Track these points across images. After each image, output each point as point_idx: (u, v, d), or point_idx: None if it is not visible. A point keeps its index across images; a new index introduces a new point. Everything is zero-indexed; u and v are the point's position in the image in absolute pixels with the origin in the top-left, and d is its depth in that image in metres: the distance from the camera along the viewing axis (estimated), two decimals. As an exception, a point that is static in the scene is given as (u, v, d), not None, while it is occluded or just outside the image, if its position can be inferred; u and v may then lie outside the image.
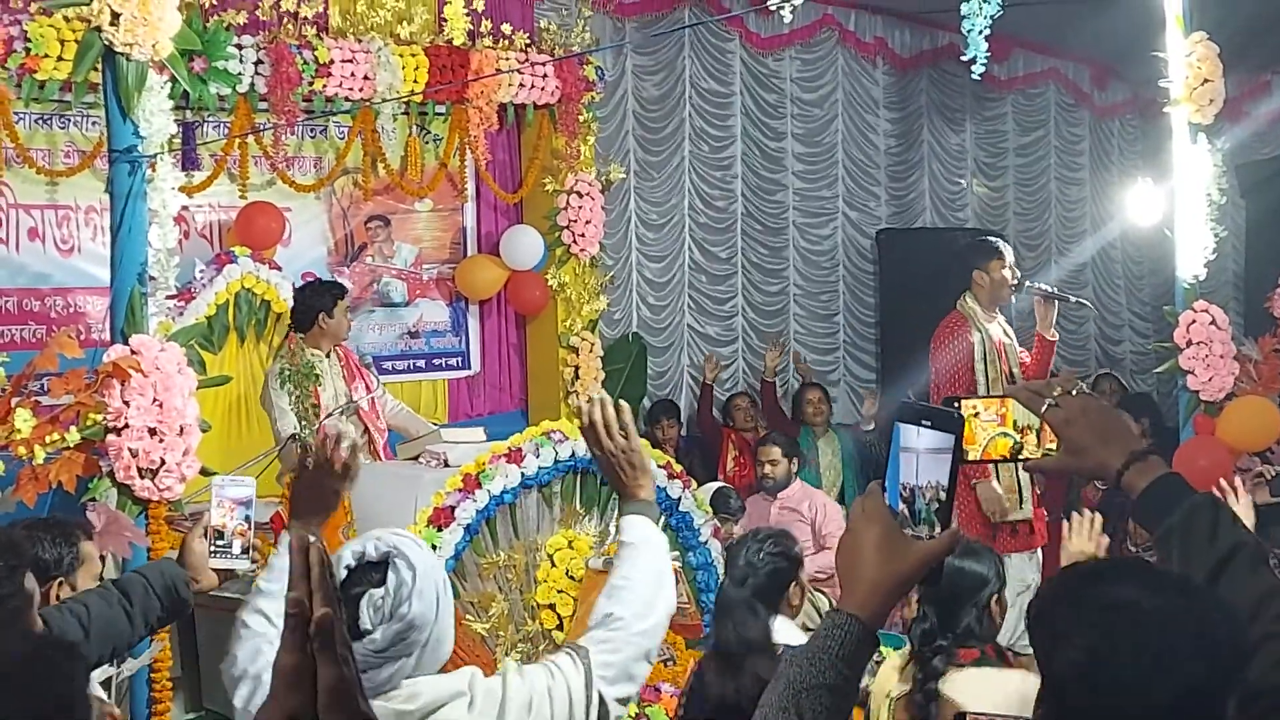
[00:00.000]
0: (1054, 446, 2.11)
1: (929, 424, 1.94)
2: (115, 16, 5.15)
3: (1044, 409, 2.30)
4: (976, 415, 2.02)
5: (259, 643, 3.15)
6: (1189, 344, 7.24)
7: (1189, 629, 1.95)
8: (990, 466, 7.13)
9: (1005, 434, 2.03)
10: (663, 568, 3.25)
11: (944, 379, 7.83)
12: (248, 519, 3.91)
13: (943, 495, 1.95)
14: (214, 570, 3.89)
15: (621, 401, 3.28)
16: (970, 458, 2.07)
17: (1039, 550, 7.98)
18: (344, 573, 2.85)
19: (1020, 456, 2.18)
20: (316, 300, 8.19)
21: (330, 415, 7.68)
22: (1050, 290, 7.92)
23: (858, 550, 2.06)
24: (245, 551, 3.88)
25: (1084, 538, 4.54)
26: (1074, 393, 2.31)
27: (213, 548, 3.83)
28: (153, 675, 5.28)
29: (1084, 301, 8.32)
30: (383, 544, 2.87)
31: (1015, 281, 7.92)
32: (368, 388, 8.14)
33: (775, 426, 10.28)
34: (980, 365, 7.81)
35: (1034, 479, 8.10)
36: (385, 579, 2.82)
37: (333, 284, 8.46)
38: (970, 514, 7.69)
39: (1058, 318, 7.92)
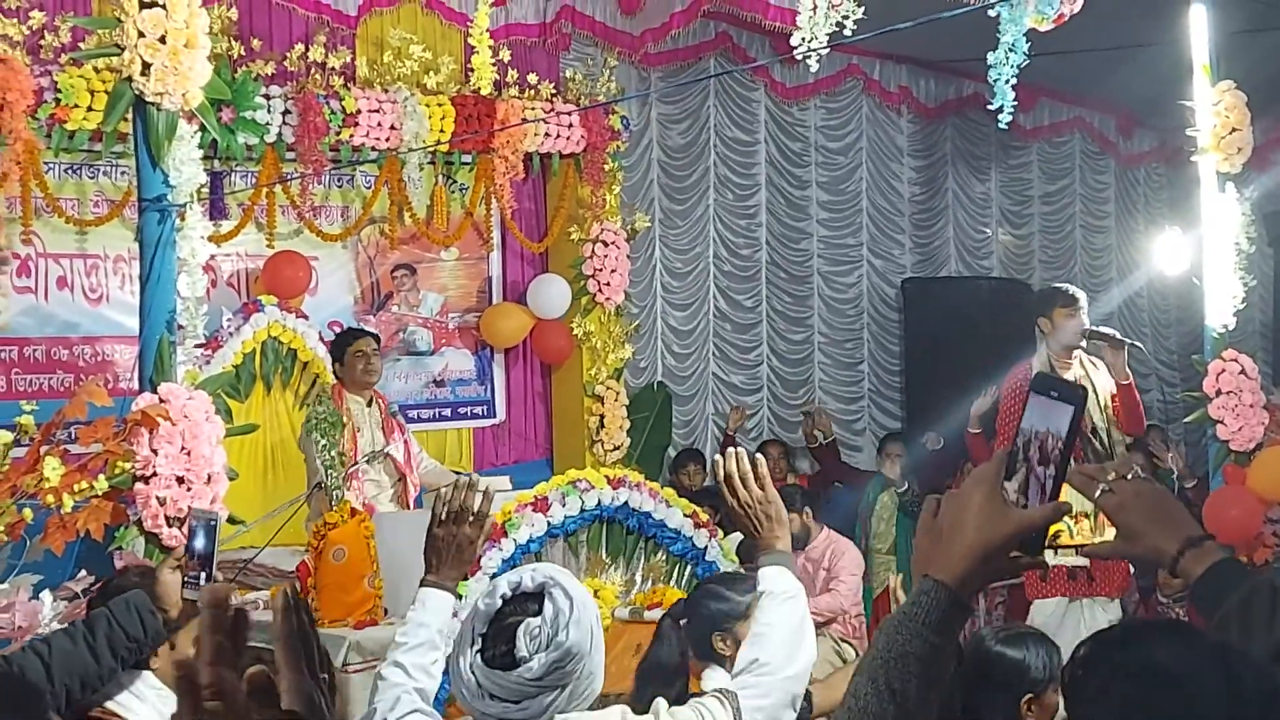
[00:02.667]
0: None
1: (1055, 394, 1.93)
2: (146, 67, 5.19)
3: (1097, 494, 2.26)
4: None
5: (397, 693, 3.20)
6: (1218, 393, 7.21)
7: (1220, 691, 1.93)
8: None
9: (1057, 507, 2.00)
10: (804, 617, 3.27)
11: (1006, 428, 7.72)
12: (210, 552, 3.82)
13: (1060, 450, 1.92)
14: (186, 601, 3.83)
15: (758, 455, 3.31)
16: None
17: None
18: (499, 602, 2.88)
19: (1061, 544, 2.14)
20: (333, 348, 8.21)
21: (356, 465, 7.68)
22: (1114, 335, 7.75)
23: (956, 515, 1.99)
24: (208, 581, 3.80)
25: None
26: (1129, 477, 2.27)
27: (186, 579, 3.78)
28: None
29: (1138, 345, 8.22)
30: (539, 575, 2.92)
31: (1083, 329, 7.71)
32: (401, 429, 8.15)
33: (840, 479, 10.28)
34: None
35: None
36: (542, 609, 2.84)
37: (349, 331, 8.46)
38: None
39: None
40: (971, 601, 1.99)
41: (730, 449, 3.37)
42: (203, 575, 3.72)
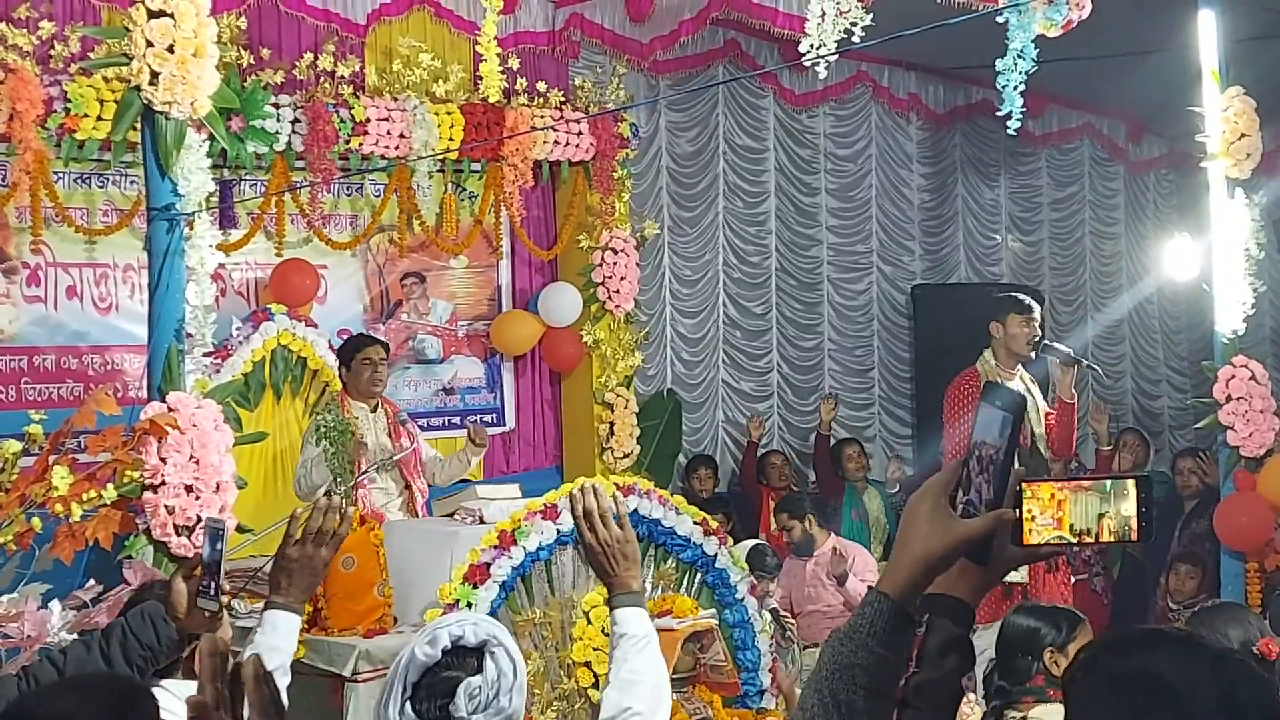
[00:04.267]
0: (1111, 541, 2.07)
1: (999, 404, 1.98)
2: (154, 75, 5.20)
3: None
4: (1033, 518, 2.00)
5: None
6: (1228, 399, 7.19)
7: (1215, 699, 1.93)
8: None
9: (1061, 537, 2.01)
10: (662, 662, 3.20)
11: (957, 440, 7.68)
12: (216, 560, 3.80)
13: (999, 459, 1.94)
14: (200, 609, 3.80)
15: (616, 492, 3.23)
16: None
17: None
18: (439, 654, 2.82)
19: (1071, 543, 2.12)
20: (340, 353, 8.21)
21: (366, 471, 7.68)
22: (1067, 353, 7.75)
23: (904, 527, 2.02)
24: (217, 592, 3.78)
25: None
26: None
27: (200, 588, 3.76)
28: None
29: (1094, 367, 8.20)
30: (481, 630, 2.86)
31: (1035, 339, 7.73)
32: (410, 437, 8.14)
33: (823, 481, 10.23)
34: None
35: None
36: (482, 667, 2.79)
37: (358, 337, 8.44)
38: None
39: (1089, 376, 7.82)
40: (917, 613, 1.99)
41: (587, 482, 3.30)
42: (212, 585, 3.71)
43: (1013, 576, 7.47)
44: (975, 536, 1.97)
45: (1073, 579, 8.39)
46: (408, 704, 2.79)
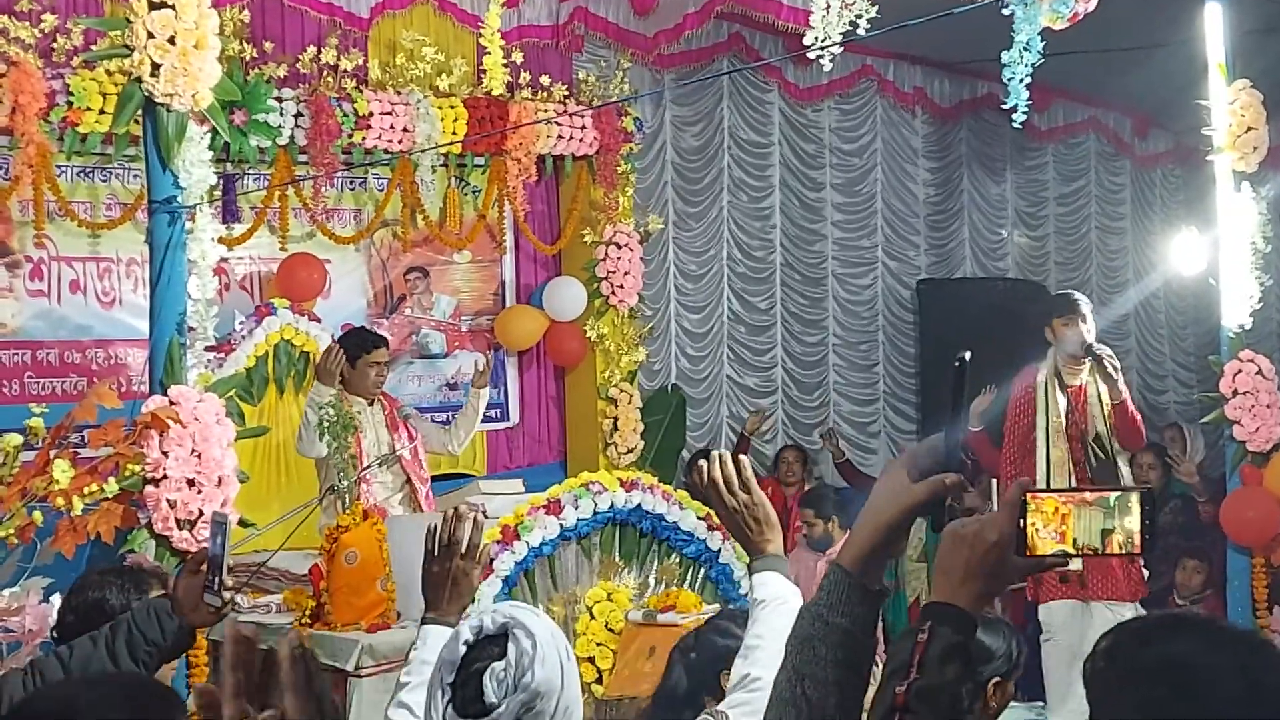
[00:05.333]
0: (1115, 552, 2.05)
1: (958, 364, 2.11)
2: (155, 67, 5.18)
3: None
4: (1037, 530, 1.99)
5: None
6: (1235, 393, 7.18)
7: (1242, 685, 1.91)
8: None
9: (1064, 551, 2.00)
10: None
11: (1014, 431, 7.71)
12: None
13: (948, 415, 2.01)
14: (207, 605, 3.78)
15: (742, 457, 3.20)
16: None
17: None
18: (463, 649, 2.80)
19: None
20: (344, 346, 8.10)
21: (369, 466, 7.66)
22: (1101, 354, 7.64)
23: (868, 500, 2.06)
24: (220, 587, 3.75)
25: None
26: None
27: (205, 582, 3.74)
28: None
29: (1101, 352, 8.09)
30: (499, 616, 2.83)
31: (1083, 341, 7.62)
32: (410, 436, 8.10)
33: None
34: (1042, 419, 7.63)
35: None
36: (506, 652, 2.77)
37: (365, 335, 8.35)
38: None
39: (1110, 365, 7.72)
40: (874, 582, 2.02)
41: (713, 452, 3.25)
42: (216, 580, 3.69)
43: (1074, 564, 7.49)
44: (921, 500, 1.99)
45: None
46: (449, 706, 2.77)
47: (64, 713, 2.46)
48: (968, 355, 2.07)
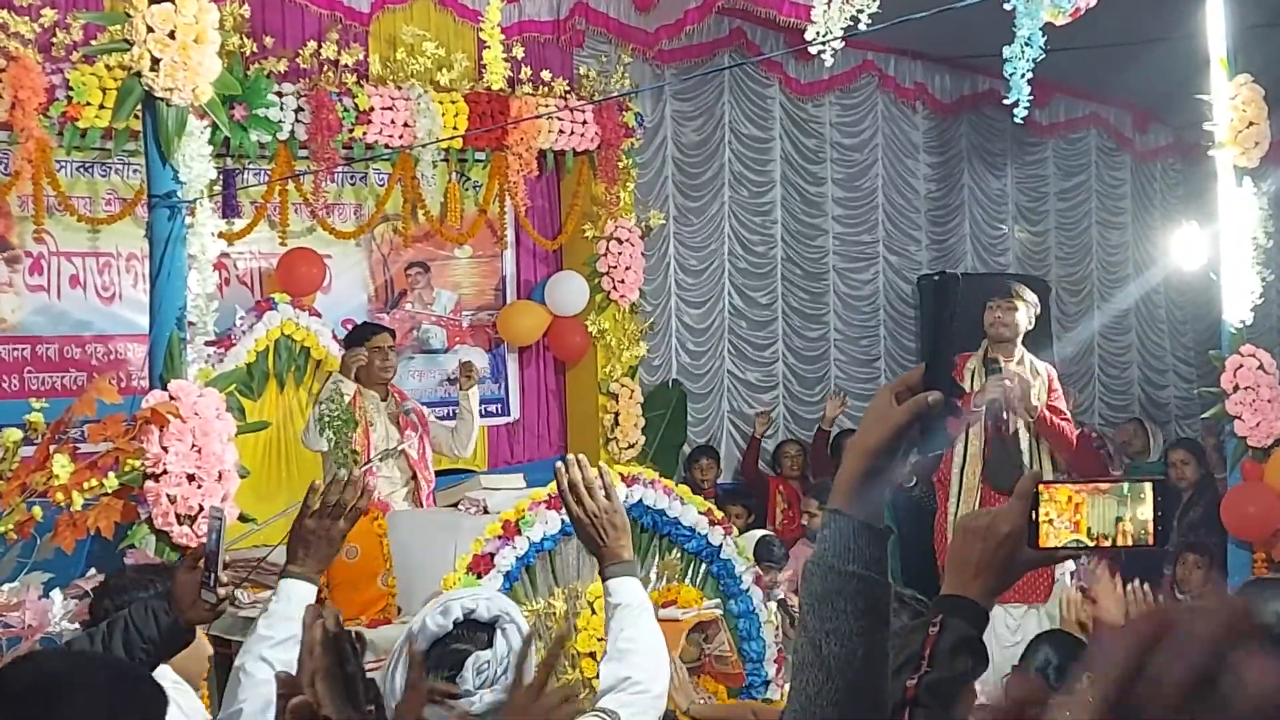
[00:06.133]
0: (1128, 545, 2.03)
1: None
2: (155, 62, 5.17)
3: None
4: (1050, 521, 1.97)
5: (266, 691, 2.96)
6: (1236, 389, 7.17)
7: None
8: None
9: (1078, 540, 1.98)
10: (658, 630, 3.18)
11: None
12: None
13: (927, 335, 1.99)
14: (203, 601, 3.76)
15: (600, 463, 3.21)
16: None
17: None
18: (450, 625, 2.80)
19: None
20: (349, 342, 8.14)
21: (371, 461, 7.65)
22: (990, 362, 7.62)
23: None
24: (215, 583, 3.73)
25: (1111, 601, 4.09)
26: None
27: (202, 578, 3.73)
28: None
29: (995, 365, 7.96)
30: (494, 606, 2.83)
31: (1001, 328, 7.57)
32: (423, 423, 8.11)
33: (819, 474, 10.19)
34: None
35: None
36: (493, 643, 2.76)
37: (366, 325, 8.39)
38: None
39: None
40: (876, 520, 1.95)
41: (572, 456, 3.27)
42: (212, 576, 3.68)
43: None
44: (903, 420, 1.94)
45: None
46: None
47: (47, 683, 2.46)
48: (957, 273, 2.04)
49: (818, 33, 6.03)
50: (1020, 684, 1.32)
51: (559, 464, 3.23)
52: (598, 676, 5.93)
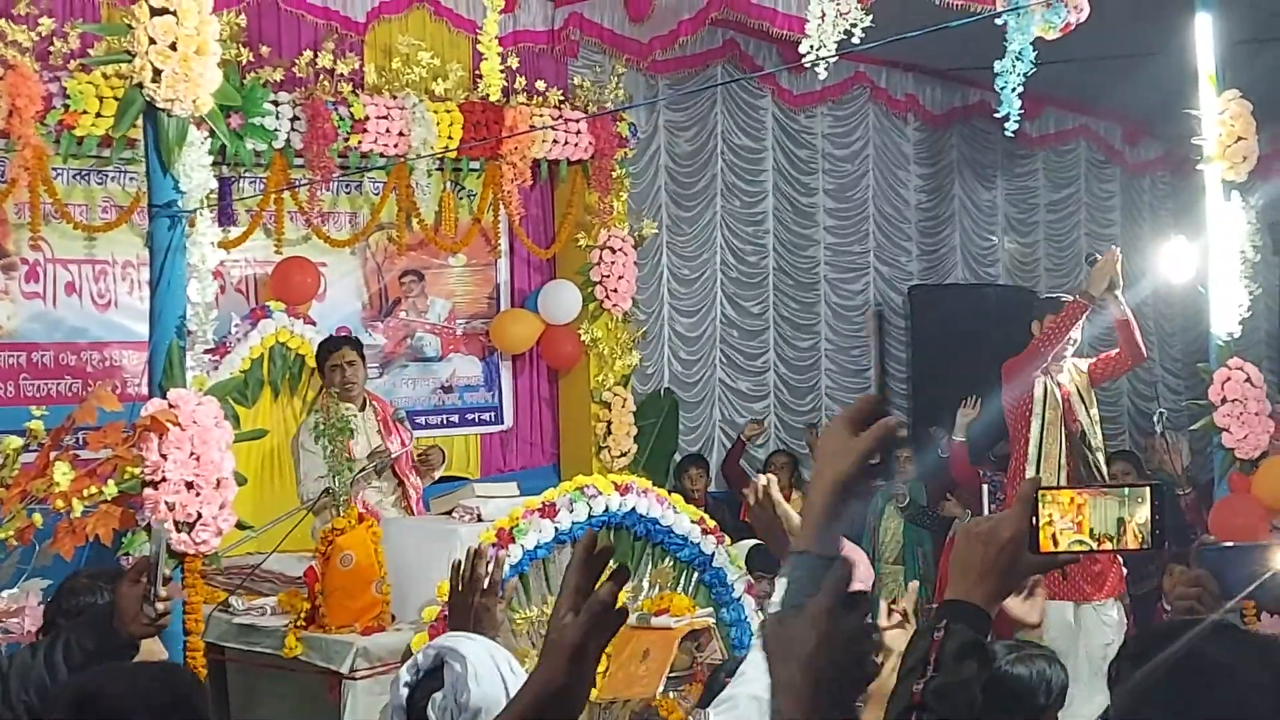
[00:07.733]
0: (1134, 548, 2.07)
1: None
2: (157, 73, 5.20)
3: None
4: (1050, 523, 2.01)
5: None
6: (1224, 401, 7.21)
7: (1269, 683, 1.95)
8: None
9: (1081, 541, 2.02)
10: None
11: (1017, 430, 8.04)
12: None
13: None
14: (144, 615, 3.74)
15: (771, 476, 3.23)
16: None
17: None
18: (405, 691, 2.89)
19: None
20: (318, 362, 8.23)
21: (364, 469, 7.68)
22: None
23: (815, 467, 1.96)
24: (155, 597, 3.70)
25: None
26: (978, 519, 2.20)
27: (144, 592, 3.71)
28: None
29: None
30: (431, 650, 2.92)
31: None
32: (402, 442, 8.12)
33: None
34: (1038, 419, 7.90)
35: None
36: (443, 679, 2.84)
37: (327, 340, 8.46)
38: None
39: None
40: (830, 550, 1.85)
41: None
42: (152, 590, 3.67)
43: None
44: (867, 449, 1.88)
45: None
46: None
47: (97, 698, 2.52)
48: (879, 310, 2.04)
49: (811, 46, 6.08)
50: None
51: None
52: (592, 683, 5.97)
